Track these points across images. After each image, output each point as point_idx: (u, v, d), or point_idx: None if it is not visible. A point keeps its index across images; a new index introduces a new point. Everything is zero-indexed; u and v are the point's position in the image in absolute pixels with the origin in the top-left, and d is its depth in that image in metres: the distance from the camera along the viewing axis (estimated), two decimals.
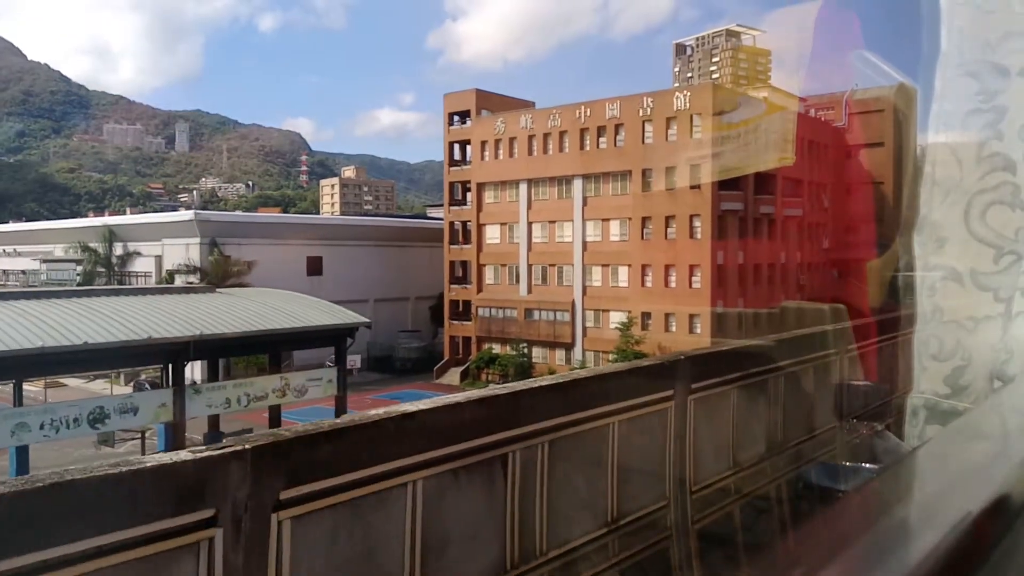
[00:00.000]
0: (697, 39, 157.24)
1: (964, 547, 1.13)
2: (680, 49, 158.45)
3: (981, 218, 3.95)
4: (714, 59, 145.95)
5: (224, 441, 3.51)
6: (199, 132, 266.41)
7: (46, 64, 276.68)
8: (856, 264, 48.41)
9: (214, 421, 28.88)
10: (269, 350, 27.71)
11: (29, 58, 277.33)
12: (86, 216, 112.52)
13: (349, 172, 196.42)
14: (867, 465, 8.11)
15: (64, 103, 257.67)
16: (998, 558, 1.22)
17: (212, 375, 31.93)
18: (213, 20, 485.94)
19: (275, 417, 28.16)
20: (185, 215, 48.94)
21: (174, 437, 25.16)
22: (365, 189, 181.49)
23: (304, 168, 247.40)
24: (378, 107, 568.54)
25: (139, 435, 28.71)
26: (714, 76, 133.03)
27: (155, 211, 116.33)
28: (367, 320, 27.84)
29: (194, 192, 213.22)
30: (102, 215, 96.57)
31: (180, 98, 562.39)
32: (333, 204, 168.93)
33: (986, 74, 3.88)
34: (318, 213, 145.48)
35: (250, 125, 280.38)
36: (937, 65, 4.01)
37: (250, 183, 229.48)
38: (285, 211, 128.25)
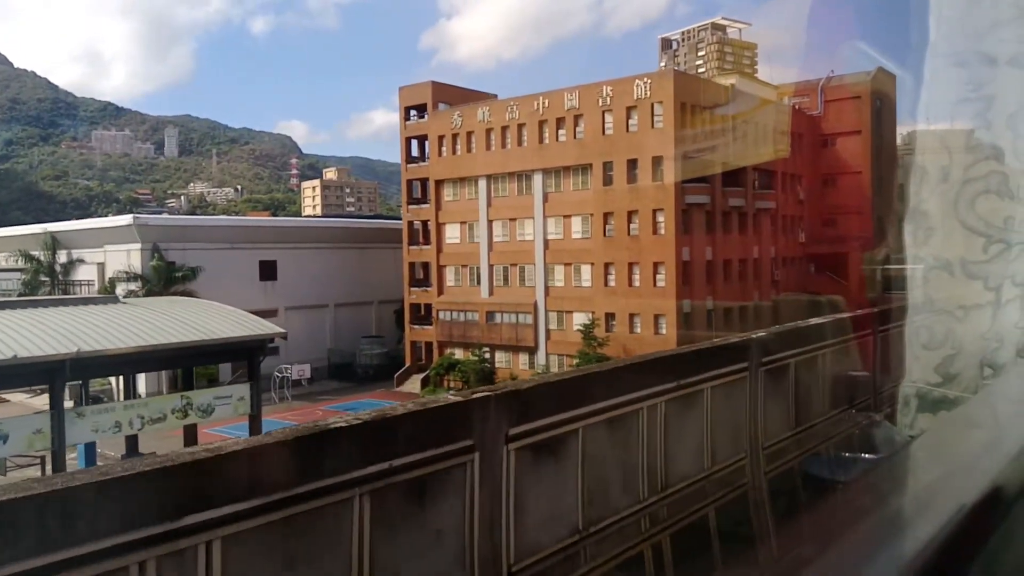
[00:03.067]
0: (683, 33, 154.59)
1: (960, 538, 1.16)
2: (666, 44, 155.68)
3: (970, 207, 3.96)
4: (700, 53, 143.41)
5: None
6: (189, 137, 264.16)
7: (33, 72, 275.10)
8: (839, 256, 46.20)
9: (132, 442, 26.86)
10: (165, 367, 25.33)
11: (16, 66, 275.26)
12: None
13: (331, 174, 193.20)
14: (865, 455, 8.38)
15: (52, 111, 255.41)
16: (994, 548, 1.25)
17: (128, 393, 29.76)
18: (204, 24, 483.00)
19: (191, 436, 26.11)
20: (123, 220, 46.40)
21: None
22: (347, 191, 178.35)
23: (294, 172, 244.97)
24: (372, 109, 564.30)
25: (38, 460, 26.37)
26: (700, 70, 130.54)
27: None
28: (282, 331, 25.45)
29: (182, 197, 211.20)
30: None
31: (169, 103, 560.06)
32: (315, 206, 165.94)
33: (975, 63, 3.89)
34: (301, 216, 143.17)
35: (240, 129, 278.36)
36: (926, 54, 4.00)
37: (239, 187, 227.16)
38: (274, 215, 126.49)
